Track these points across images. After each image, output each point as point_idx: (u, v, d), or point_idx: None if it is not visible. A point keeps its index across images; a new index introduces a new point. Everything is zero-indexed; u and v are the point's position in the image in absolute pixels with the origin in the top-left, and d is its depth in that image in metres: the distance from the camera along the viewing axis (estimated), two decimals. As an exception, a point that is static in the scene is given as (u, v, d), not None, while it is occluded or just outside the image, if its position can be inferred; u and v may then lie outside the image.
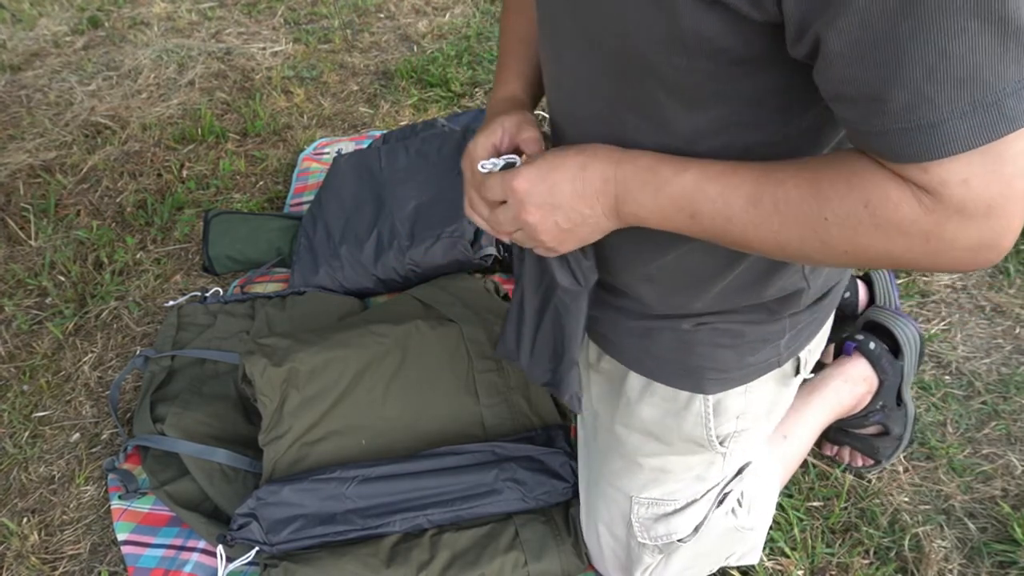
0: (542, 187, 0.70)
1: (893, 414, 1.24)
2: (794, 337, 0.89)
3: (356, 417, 1.21)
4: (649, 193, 0.67)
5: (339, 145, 2.07)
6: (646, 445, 0.96)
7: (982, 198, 0.53)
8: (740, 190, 0.62)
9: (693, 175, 0.64)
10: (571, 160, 0.70)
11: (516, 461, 1.15)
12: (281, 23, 2.78)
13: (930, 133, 0.51)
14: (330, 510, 1.10)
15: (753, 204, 0.62)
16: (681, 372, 0.90)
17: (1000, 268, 1.59)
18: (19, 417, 1.45)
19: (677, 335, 0.88)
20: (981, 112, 0.50)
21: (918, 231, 0.56)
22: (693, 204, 0.65)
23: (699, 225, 0.66)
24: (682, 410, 0.92)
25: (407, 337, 1.27)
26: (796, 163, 0.62)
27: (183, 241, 1.83)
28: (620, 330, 0.93)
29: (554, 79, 0.79)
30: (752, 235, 0.63)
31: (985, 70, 0.49)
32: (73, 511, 1.29)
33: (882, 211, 0.56)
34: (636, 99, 0.68)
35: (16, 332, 1.62)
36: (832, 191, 0.58)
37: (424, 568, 1.06)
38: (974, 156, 0.51)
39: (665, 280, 0.83)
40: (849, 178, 0.58)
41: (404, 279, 1.55)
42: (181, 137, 2.18)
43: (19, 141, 2.21)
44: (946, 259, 0.57)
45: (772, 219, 0.61)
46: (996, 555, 1.14)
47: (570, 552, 1.08)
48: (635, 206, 0.68)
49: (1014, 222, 0.54)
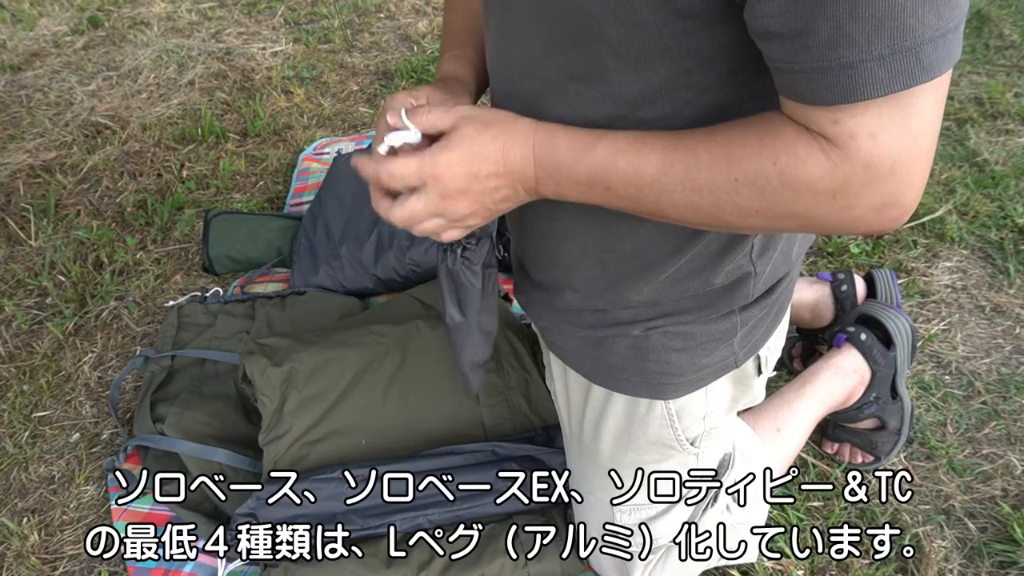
0: (467, 173, 0.68)
1: (888, 407, 1.23)
2: (747, 334, 0.88)
3: (356, 417, 1.21)
4: (564, 172, 0.67)
5: (339, 145, 2.07)
6: (618, 454, 0.96)
7: (888, 153, 0.54)
8: (650, 159, 0.63)
9: (605, 147, 0.65)
10: (491, 145, 0.68)
11: (516, 461, 1.15)
12: (281, 23, 2.78)
13: (848, 74, 0.51)
14: (330, 510, 1.10)
15: (664, 172, 0.62)
16: (638, 380, 0.89)
17: (1000, 268, 1.59)
18: (19, 417, 1.45)
19: (629, 341, 0.86)
20: (900, 56, 0.50)
21: (824, 188, 0.56)
22: (607, 177, 0.65)
23: (616, 196, 0.66)
24: (645, 417, 0.91)
25: (407, 337, 1.27)
26: (708, 129, 0.62)
27: (183, 241, 1.83)
28: (573, 341, 0.92)
29: (502, 58, 0.77)
30: (666, 202, 0.64)
31: (906, 12, 0.48)
32: (73, 511, 1.29)
33: (791, 168, 0.57)
34: (584, 64, 0.67)
35: (16, 332, 1.62)
36: (742, 151, 0.59)
37: (424, 568, 1.06)
38: (884, 108, 0.52)
39: (616, 264, 0.81)
40: (761, 137, 0.58)
41: (404, 279, 1.55)
42: (181, 137, 2.18)
43: (19, 141, 2.21)
44: (851, 217, 0.58)
45: (684, 184, 0.62)
46: (996, 555, 1.14)
47: (570, 552, 1.08)
48: (553, 184, 0.69)
49: (916, 180, 0.55)
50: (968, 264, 1.61)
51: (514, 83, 0.76)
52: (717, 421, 0.95)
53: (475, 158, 0.68)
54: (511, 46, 0.74)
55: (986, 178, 1.80)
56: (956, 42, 0.51)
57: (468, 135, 0.68)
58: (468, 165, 0.67)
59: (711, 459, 0.99)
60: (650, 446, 0.94)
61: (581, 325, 0.89)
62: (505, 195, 0.71)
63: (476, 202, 0.70)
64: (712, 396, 0.92)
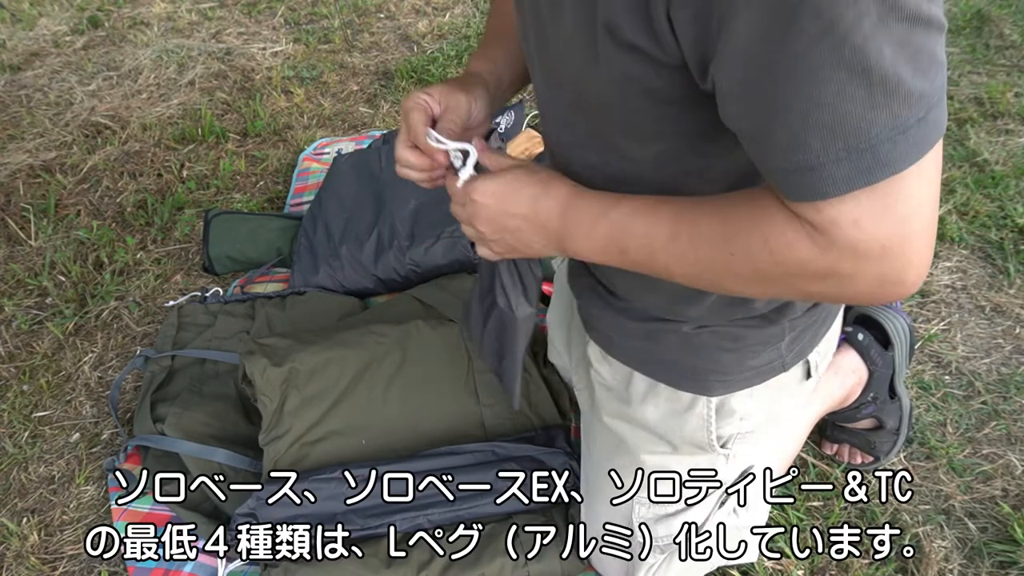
0: (498, 207, 0.75)
1: (886, 407, 1.23)
2: (795, 339, 0.90)
3: (356, 417, 1.21)
4: (584, 232, 0.72)
5: (339, 145, 2.07)
6: (649, 443, 0.97)
7: (875, 238, 0.54)
8: (660, 226, 0.67)
9: (623, 211, 0.69)
10: (527, 190, 0.74)
11: (516, 461, 1.15)
12: (281, 23, 2.78)
13: (810, 175, 0.53)
14: (330, 510, 1.10)
15: (672, 240, 0.66)
16: (685, 374, 0.91)
17: (1000, 268, 1.59)
18: (19, 417, 1.45)
19: (680, 337, 0.89)
20: (856, 157, 0.51)
21: (816, 269, 0.58)
22: (623, 239, 0.70)
23: (630, 258, 0.70)
24: (685, 411, 0.93)
25: (407, 337, 1.27)
26: (712, 200, 0.65)
27: (183, 241, 1.83)
28: (623, 331, 0.94)
29: (543, 105, 0.84)
30: (675, 267, 0.67)
31: (855, 117, 0.50)
32: (73, 511, 1.29)
33: (780, 250, 0.59)
34: (598, 133, 0.74)
35: (16, 332, 1.62)
36: (737, 228, 0.61)
37: (424, 568, 1.06)
38: (862, 196, 0.52)
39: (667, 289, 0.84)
40: (753, 216, 0.61)
41: (404, 279, 1.55)
42: (181, 137, 2.18)
43: (19, 141, 2.21)
44: (850, 294, 0.59)
45: (688, 253, 0.65)
46: (996, 555, 1.14)
47: (570, 552, 1.08)
48: (573, 243, 0.74)
49: (914, 258, 0.55)
50: (968, 264, 1.61)
51: (554, 130, 0.83)
52: (755, 425, 0.95)
53: (509, 195, 0.75)
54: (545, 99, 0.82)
55: (986, 178, 1.80)
56: (925, 132, 0.51)
57: (513, 176, 0.76)
58: (501, 199, 0.75)
59: (739, 466, 0.99)
60: (683, 443, 0.95)
61: (632, 318, 0.92)
62: (526, 239, 0.76)
63: (498, 233, 0.77)
64: (755, 398, 0.93)
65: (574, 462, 1.15)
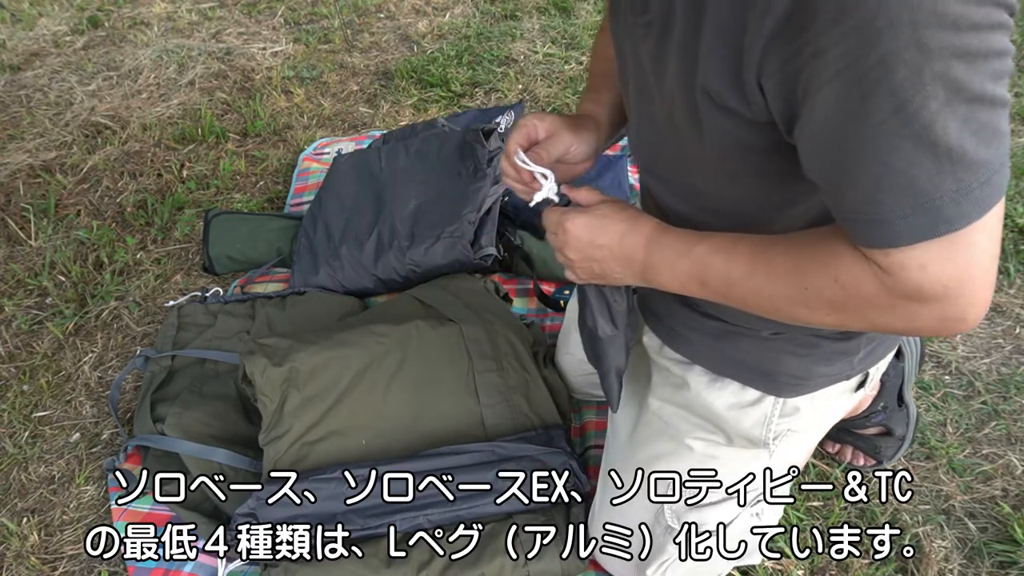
0: (587, 238, 0.82)
1: (895, 415, 1.24)
2: (869, 353, 0.93)
3: (356, 417, 1.21)
4: (668, 267, 0.79)
5: (339, 145, 2.07)
6: (700, 430, 0.99)
7: (938, 281, 0.59)
8: (738, 262, 0.73)
9: (705, 248, 0.76)
10: (615, 226, 0.81)
11: (516, 461, 1.15)
12: (281, 23, 2.78)
13: (879, 227, 0.59)
14: (330, 510, 1.10)
15: (749, 275, 0.72)
16: (756, 374, 0.93)
17: (1000, 268, 1.59)
18: (19, 417, 1.45)
19: (755, 342, 0.92)
20: (921, 214, 0.56)
21: (882, 304, 0.63)
22: (703, 273, 0.76)
23: (709, 291, 0.76)
24: (749, 406, 0.95)
25: (407, 337, 1.27)
26: (785, 239, 0.71)
27: (183, 241, 1.83)
28: (693, 327, 0.96)
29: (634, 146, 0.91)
30: (751, 299, 0.73)
31: (922, 181, 0.55)
32: (73, 511, 1.29)
33: (850, 286, 0.64)
34: (680, 174, 0.82)
35: (16, 332, 1.62)
36: (810, 266, 0.67)
37: (424, 568, 1.06)
38: (929, 245, 0.58)
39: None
40: (825, 256, 0.66)
41: (404, 279, 1.55)
42: (181, 137, 2.18)
43: (19, 141, 2.21)
44: (916, 328, 0.64)
45: (764, 288, 0.71)
46: (996, 555, 1.14)
47: (570, 552, 1.08)
48: (655, 275, 0.80)
49: (976, 299, 0.60)
50: (968, 264, 1.61)
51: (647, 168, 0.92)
52: (805, 426, 0.98)
53: (598, 229, 0.82)
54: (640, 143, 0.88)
55: (986, 178, 1.80)
56: (987, 193, 0.56)
57: (602, 212, 0.83)
58: (590, 231, 0.82)
59: (777, 462, 1.01)
60: (737, 436, 0.97)
61: (707, 318, 0.94)
62: (610, 269, 0.83)
63: (585, 261, 0.84)
64: (815, 402, 0.95)
65: (574, 462, 1.15)
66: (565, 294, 1.58)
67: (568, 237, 0.83)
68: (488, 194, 1.56)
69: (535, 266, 1.60)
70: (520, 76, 2.37)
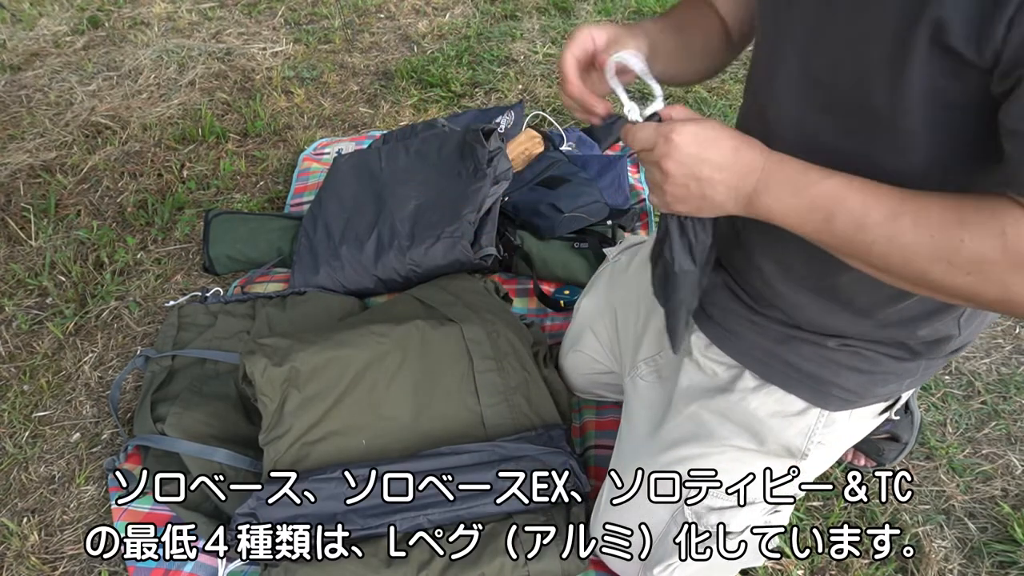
0: (695, 151, 0.71)
1: (901, 422, 1.24)
2: (919, 378, 0.92)
3: (356, 417, 1.21)
4: (789, 191, 0.70)
5: (339, 145, 2.07)
6: (736, 436, 0.97)
7: None
8: (882, 202, 0.66)
9: (838, 181, 0.68)
10: (728, 141, 0.71)
11: (516, 461, 1.15)
12: (281, 23, 2.78)
13: None
14: (330, 510, 1.10)
15: (891, 218, 0.65)
16: (809, 384, 0.91)
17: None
18: (19, 417, 1.45)
19: (818, 350, 0.89)
20: None
21: None
22: (831, 207, 0.68)
23: (829, 228, 0.69)
24: (793, 415, 0.93)
25: (407, 337, 1.27)
26: (940, 193, 0.65)
27: (184, 241, 1.83)
28: (753, 328, 0.94)
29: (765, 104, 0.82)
30: (879, 247, 0.67)
31: None
32: (73, 511, 1.29)
33: (1016, 240, 0.61)
34: (847, 134, 0.72)
35: (16, 332, 1.62)
36: (974, 217, 0.63)
37: (424, 568, 1.06)
38: None
39: (834, 298, 0.84)
40: (993, 209, 0.62)
41: (404, 279, 1.55)
42: (181, 137, 2.18)
43: (19, 141, 2.21)
44: None
45: (906, 235, 0.65)
46: (996, 555, 1.14)
47: (570, 552, 1.08)
48: (771, 199, 0.71)
49: None
50: (968, 264, 1.61)
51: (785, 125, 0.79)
52: (835, 439, 0.96)
53: (709, 142, 0.71)
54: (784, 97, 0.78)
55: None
56: None
57: (713, 124, 0.72)
58: (700, 143, 0.71)
59: (812, 471, 1.00)
60: (775, 443, 0.95)
61: (770, 321, 0.92)
62: (711, 191, 0.73)
63: (684, 179, 0.72)
64: (854, 418, 0.94)
65: (574, 462, 1.15)
66: (565, 294, 1.58)
67: (671, 148, 0.71)
68: (488, 194, 1.56)
69: (535, 266, 1.60)
70: (520, 76, 2.37)
